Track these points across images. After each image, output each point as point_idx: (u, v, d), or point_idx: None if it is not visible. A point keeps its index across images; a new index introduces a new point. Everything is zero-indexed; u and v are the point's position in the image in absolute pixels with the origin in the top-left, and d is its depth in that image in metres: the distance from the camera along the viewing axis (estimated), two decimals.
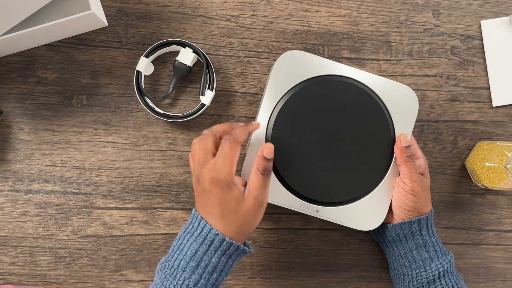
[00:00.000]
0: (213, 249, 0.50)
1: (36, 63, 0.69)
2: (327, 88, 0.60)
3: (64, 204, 0.69)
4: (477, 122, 0.74)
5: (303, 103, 0.60)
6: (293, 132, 0.59)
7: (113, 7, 0.70)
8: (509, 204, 0.74)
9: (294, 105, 0.60)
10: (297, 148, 0.59)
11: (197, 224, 0.52)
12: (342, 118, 0.60)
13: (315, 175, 0.60)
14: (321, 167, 0.60)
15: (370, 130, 0.61)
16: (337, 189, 0.60)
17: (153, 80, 0.70)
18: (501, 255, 0.74)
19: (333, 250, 0.71)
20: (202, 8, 0.71)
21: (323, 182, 0.60)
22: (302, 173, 0.59)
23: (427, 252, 0.60)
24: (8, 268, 0.68)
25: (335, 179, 0.60)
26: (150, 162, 0.69)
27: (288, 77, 0.60)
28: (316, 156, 0.60)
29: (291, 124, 0.59)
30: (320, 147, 0.60)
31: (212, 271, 0.50)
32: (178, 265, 0.50)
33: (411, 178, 0.59)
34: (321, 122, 0.60)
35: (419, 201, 0.60)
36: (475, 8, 0.74)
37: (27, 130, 0.69)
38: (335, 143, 0.60)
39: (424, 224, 0.61)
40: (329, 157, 0.60)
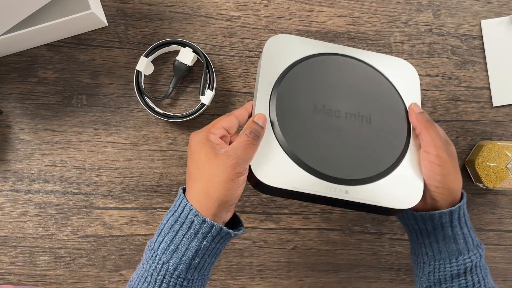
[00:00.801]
0: (193, 231, 0.46)
1: (36, 63, 0.69)
2: (323, 66, 0.56)
3: (64, 204, 0.68)
4: (477, 122, 0.73)
5: (300, 82, 0.55)
6: (299, 112, 0.53)
7: (113, 7, 0.70)
8: (510, 204, 0.74)
9: (292, 85, 0.55)
10: (307, 126, 0.53)
11: (179, 203, 0.49)
12: (346, 92, 0.56)
13: (336, 152, 0.52)
14: (339, 142, 0.53)
15: (378, 100, 0.56)
16: (364, 164, 0.52)
17: (153, 80, 0.70)
18: (502, 255, 0.74)
19: (333, 250, 0.71)
20: (202, 7, 0.71)
21: (346, 158, 0.52)
22: (322, 152, 0.52)
23: (456, 244, 0.54)
24: (8, 268, 0.68)
25: (358, 153, 0.53)
26: (150, 162, 0.69)
27: (280, 60, 0.56)
28: (330, 131, 0.53)
29: (294, 104, 0.54)
30: (331, 122, 0.53)
31: (194, 256, 0.46)
32: (158, 247, 0.47)
33: (434, 145, 0.52)
34: (325, 97, 0.54)
35: (448, 173, 0.52)
36: (475, 8, 0.74)
37: (27, 130, 0.69)
38: (346, 116, 0.54)
39: (456, 215, 0.53)
40: (344, 130, 0.53)
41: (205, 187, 0.47)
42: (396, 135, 0.55)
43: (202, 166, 0.47)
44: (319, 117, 0.53)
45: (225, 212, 0.48)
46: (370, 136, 0.54)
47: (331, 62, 0.57)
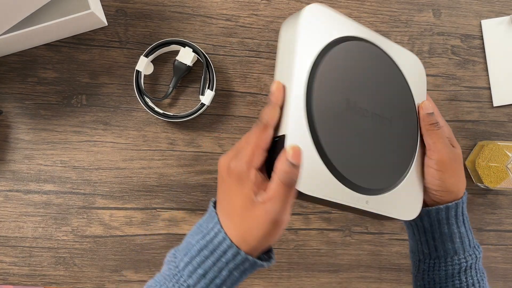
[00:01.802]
0: (225, 260, 0.43)
1: (36, 63, 0.69)
2: (356, 53, 0.49)
3: (64, 204, 0.68)
4: (477, 122, 0.73)
5: (337, 68, 0.47)
6: (334, 109, 0.46)
7: (113, 6, 0.70)
8: (510, 204, 0.74)
9: (329, 69, 0.46)
10: (341, 128, 0.46)
11: (212, 225, 0.44)
12: (372, 87, 0.49)
13: (362, 158, 0.47)
14: (366, 146, 0.47)
15: (395, 99, 0.52)
16: (382, 171, 0.49)
17: (153, 80, 0.70)
18: (502, 255, 0.73)
19: (333, 251, 0.71)
20: (202, 7, 0.71)
21: (370, 165, 0.48)
22: (352, 158, 0.46)
23: (452, 243, 0.52)
24: (8, 268, 0.68)
25: (379, 160, 0.48)
26: (149, 162, 0.69)
27: (318, 36, 0.46)
28: (359, 134, 0.47)
29: (330, 98, 0.46)
30: (360, 123, 0.47)
31: (221, 284, 0.43)
32: (184, 267, 0.44)
33: (435, 149, 0.51)
34: (358, 91, 0.48)
35: (448, 178, 0.51)
36: (475, 8, 0.74)
37: (27, 130, 0.69)
38: (372, 116, 0.48)
39: (452, 212, 0.52)
40: (370, 133, 0.48)
41: (241, 234, 0.43)
42: (409, 141, 0.52)
43: (239, 214, 0.43)
44: (351, 116, 0.47)
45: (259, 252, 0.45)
46: (389, 140, 0.50)
47: (363, 50, 0.50)
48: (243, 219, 0.43)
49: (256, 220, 0.42)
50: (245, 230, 0.43)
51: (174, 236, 0.69)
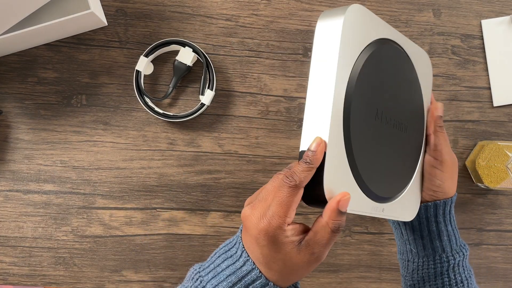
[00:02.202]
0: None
1: (36, 62, 0.69)
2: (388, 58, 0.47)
3: (64, 204, 0.68)
4: (478, 121, 0.73)
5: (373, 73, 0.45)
6: (368, 115, 0.44)
7: (113, 6, 0.70)
8: (510, 204, 0.73)
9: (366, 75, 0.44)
10: (370, 139, 0.45)
11: (240, 253, 0.43)
12: (397, 94, 0.48)
13: (383, 167, 0.47)
14: (387, 155, 0.47)
15: (411, 105, 0.51)
16: (396, 179, 0.49)
17: (153, 80, 0.70)
18: (502, 255, 0.73)
19: (333, 251, 0.71)
20: (202, 7, 0.71)
21: (388, 173, 0.47)
22: (375, 168, 0.45)
23: (440, 241, 0.53)
24: (8, 268, 0.68)
25: (395, 167, 0.48)
26: (149, 162, 0.69)
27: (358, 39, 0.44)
28: (383, 144, 0.46)
29: (365, 105, 0.44)
30: (385, 132, 0.46)
31: None
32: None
33: (442, 151, 0.52)
34: (386, 100, 0.46)
35: (447, 179, 0.53)
36: (475, 8, 0.74)
37: (27, 130, 0.69)
38: (395, 125, 0.48)
39: (440, 210, 0.53)
40: (391, 141, 0.47)
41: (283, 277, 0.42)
42: (416, 145, 0.52)
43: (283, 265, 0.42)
44: (378, 126, 0.46)
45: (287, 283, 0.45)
46: (403, 147, 0.50)
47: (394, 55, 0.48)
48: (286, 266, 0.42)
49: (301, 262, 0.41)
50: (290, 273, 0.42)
51: (174, 236, 0.69)
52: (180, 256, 0.70)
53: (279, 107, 0.71)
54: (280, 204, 0.40)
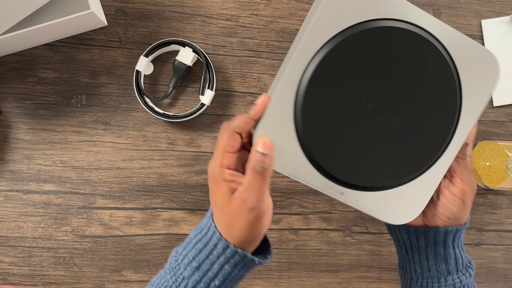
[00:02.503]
0: (216, 254, 0.45)
1: (36, 62, 0.69)
2: (386, 38, 0.44)
3: (64, 204, 0.68)
4: (478, 121, 0.73)
5: (353, 54, 0.43)
6: (334, 91, 0.44)
7: (113, 6, 0.70)
8: (510, 204, 0.74)
9: (342, 55, 0.43)
10: (334, 112, 0.44)
11: (206, 220, 0.48)
12: (399, 82, 0.45)
13: (349, 151, 0.46)
14: (359, 141, 0.46)
15: (431, 102, 0.46)
16: (373, 171, 0.47)
17: (153, 80, 0.70)
18: (502, 255, 0.73)
19: (333, 251, 0.71)
20: (202, 7, 0.71)
21: (357, 161, 0.46)
22: (333, 145, 0.45)
23: (446, 264, 0.52)
24: (8, 268, 0.68)
25: (374, 159, 0.46)
26: (149, 162, 0.69)
27: (338, 17, 0.43)
28: (356, 126, 0.45)
29: (333, 79, 0.44)
30: (363, 116, 0.45)
31: (213, 277, 0.46)
32: (182, 260, 0.47)
33: (462, 179, 0.49)
34: (372, 84, 0.44)
35: (464, 208, 0.50)
36: (475, 8, 0.74)
37: (27, 130, 0.69)
38: (384, 113, 0.45)
39: (451, 235, 0.51)
40: (372, 129, 0.45)
41: (227, 229, 0.46)
42: (428, 148, 0.47)
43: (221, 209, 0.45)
44: (353, 107, 0.45)
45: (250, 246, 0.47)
46: (401, 142, 0.46)
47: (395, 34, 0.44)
48: (224, 213, 0.45)
49: (235, 212, 0.44)
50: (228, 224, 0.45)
51: (174, 236, 0.69)
52: None
53: None
54: (217, 146, 0.45)
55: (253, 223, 0.45)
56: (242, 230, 0.45)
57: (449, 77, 0.45)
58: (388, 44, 0.44)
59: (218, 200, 0.45)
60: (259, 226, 0.45)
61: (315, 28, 0.43)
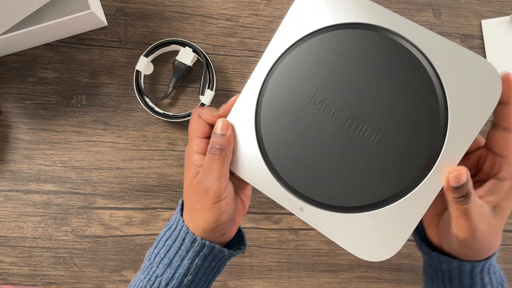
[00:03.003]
0: (185, 248, 0.45)
1: (36, 62, 0.69)
2: (357, 43, 0.41)
3: (64, 204, 0.68)
4: None
5: (318, 58, 0.41)
6: (295, 96, 0.42)
7: (113, 6, 0.70)
8: None
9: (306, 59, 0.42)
10: (294, 115, 0.42)
11: (175, 217, 0.47)
12: (371, 89, 0.40)
13: (312, 160, 0.41)
14: (324, 151, 0.41)
15: (408, 114, 0.39)
16: (340, 188, 0.41)
17: (153, 80, 0.70)
18: (502, 255, 0.73)
19: (333, 251, 0.71)
20: (202, 7, 0.71)
21: (321, 173, 0.41)
22: (294, 154, 0.42)
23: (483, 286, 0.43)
24: (8, 268, 0.68)
25: (343, 174, 0.41)
26: (149, 162, 0.69)
27: (308, 20, 0.42)
28: (319, 134, 0.41)
29: (294, 84, 0.42)
30: (327, 123, 0.41)
31: (186, 273, 0.45)
32: (154, 258, 0.46)
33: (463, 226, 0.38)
34: (338, 90, 0.41)
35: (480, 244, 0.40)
36: (475, 8, 0.74)
37: (27, 130, 0.69)
38: (350, 121, 0.40)
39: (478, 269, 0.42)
40: (337, 139, 0.41)
41: (189, 213, 0.45)
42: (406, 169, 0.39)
43: (185, 193, 0.46)
44: (314, 113, 0.41)
45: (216, 236, 0.45)
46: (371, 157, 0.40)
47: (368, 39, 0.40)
48: (186, 198, 0.45)
49: (194, 194, 0.44)
50: (191, 208, 0.44)
51: None
52: None
53: None
54: (189, 132, 0.46)
55: (211, 207, 0.43)
56: (202, 216, 0.44)
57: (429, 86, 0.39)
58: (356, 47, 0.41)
59: (186, 184, 0.45)
60: (217, 211, 0.43)
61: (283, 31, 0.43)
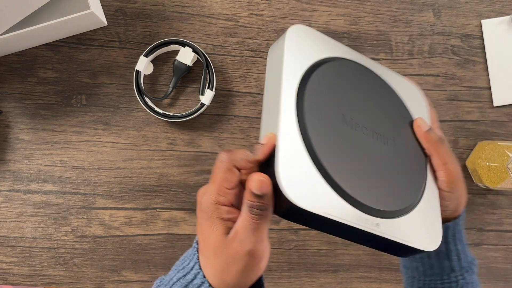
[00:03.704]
0: None
1: (36, 62, 0.69)
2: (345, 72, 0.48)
3: (64, 204, 0.68)
4: (478, 122, 0.73)
5: (327, 85, 0.45)
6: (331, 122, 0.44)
7: (113, 6, 0.70)
8: (510, 204, 0.73)
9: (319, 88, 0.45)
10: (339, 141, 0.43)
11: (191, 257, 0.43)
12: (371, 107, 0.48)
13: (367, 176, 0.43)
14: (370, 165, 0.44)
15: (395, 119, 0.49)
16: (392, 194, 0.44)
17: (153, 80, 0.70)
18: (502, 255, 0.73)
19: (333, 251, 0.71)
20: (202, 7, 0.71)
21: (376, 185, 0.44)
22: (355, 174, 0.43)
23: (449, 261, 0.51)
24: (8, 268, 0.68)
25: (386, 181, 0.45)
26: (149, 162, 0.69)
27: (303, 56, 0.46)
28: (361, 150, 0.44)
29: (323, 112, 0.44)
30: (361, 139, 0.45)
31: None
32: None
33: (445, 170, 0.47)
34: (352, 108, 0.46)
35: (456, 198, 0.48)
36: (475, 8, 0.74)
37: (26, 130, 0.69)
38: (373, 135, 0.46)
39: (451, 231, 0.50)
40: (373, 151, 0.45)
41: (219, 274, 0.40)
42: (417, 163, 0.48)
43: (214, 251, 0.40)
44: (349, 131, 0.44)
45: None
46: (396, 162, 0.46)
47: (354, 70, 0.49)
48: (217, 257, 0.40)
49: (231, 255, 0.39)
50: (222, 269, 0.40)
51: (174, 236, 0.69)
52: (180, 256, 0.70)
53: None
54: (213, 180, 0.39)
55: (250, 268, 0.40)
56: (236, 275, 0.40)
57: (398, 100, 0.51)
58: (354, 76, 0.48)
59: (211, 241, 0.40)
60: (256, 271, 0.40)
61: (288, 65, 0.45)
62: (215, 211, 0.39)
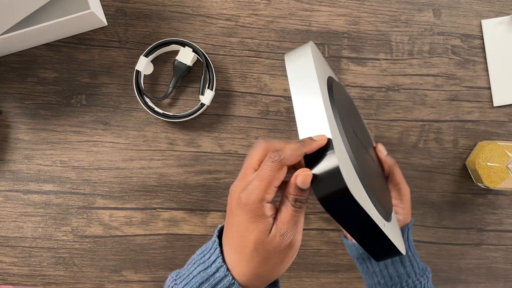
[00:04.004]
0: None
1: (36, 62, 0.69)
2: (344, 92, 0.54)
3: (64, 204, 0.68)
4: (478, 122, 0.73)
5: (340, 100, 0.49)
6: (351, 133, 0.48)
7: (113, 6, 0.70)
8: (510, 204, 0.73)
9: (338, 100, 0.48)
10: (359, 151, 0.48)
11: (212, 251, 0.43)
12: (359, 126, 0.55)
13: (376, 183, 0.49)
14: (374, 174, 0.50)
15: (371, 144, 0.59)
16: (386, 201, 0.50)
17: (153, 80, 0.70)
18: (502, 255, 0.73)
19: (333, 251, 0.71)
20: (202, 7, 0.71)
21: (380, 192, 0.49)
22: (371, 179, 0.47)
23: (404, 267, 0.57)
24: (7, 268, 0.68)
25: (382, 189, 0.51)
26: (149, 162, 0.69)
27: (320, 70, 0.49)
28: (368, 161, 0.50)
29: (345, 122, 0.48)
30: (365, 152, 0.51)
31: None
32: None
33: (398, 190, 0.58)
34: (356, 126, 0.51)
35: (408, 212, 0.58)
36: (476, 8, 0.74)
37: (26, 130, 0.69)
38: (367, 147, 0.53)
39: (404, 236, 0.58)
40: (371, 164, 0.51)
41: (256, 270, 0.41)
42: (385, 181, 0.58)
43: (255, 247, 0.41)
44: (359, 144, 0.49)
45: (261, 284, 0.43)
46: (379, 175, 0.54)
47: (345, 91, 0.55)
48: (258, 253, 0.41)
49: (273, 249, 0.40)
50: (259, 264, 0.41)
51: (174, 236, 0.69)
52: (180, 256, 0.70)
53: (279, 107, 0.71)
54: (261, 178, 0.40)
55: (288, 260, 0.42)
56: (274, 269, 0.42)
57: None
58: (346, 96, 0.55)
59: (252, 238, 0.40)
60: (290, 261, 0.42)
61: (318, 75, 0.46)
62: (261, 209, 0.40)
